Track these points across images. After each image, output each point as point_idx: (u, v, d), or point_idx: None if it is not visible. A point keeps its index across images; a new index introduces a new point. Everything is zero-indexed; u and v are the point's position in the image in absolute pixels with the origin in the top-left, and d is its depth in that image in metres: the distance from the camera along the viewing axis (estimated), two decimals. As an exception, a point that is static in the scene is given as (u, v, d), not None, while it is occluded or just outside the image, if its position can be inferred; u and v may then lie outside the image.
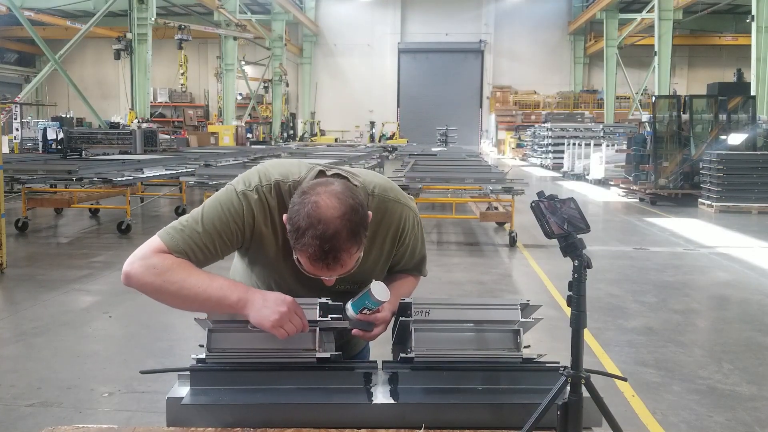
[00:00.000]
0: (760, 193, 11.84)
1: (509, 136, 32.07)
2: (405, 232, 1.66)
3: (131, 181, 9.54)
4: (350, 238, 1.37)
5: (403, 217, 1.64)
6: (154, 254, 1.46)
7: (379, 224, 1.60)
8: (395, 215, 1.63)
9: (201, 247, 1.48)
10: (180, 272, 1.44)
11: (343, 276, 1.46)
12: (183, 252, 1.47)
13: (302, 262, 1.42)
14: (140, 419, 3.30)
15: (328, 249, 1.35)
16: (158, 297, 1.47)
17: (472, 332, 1.53)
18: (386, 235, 1.63)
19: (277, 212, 1.54)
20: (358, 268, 1.53)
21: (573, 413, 1.24)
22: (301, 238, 1.36)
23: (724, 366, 4.17)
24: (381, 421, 1.38)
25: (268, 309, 1.42)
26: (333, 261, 1.37)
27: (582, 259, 1.24)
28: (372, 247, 1.60)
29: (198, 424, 1.37)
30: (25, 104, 22.93)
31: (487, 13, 33.02)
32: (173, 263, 1.45)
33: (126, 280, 1.46)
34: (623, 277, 6.70)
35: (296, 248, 1.40)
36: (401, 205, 1.65)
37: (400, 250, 1.69)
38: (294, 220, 1.38)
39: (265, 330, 1.42)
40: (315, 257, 1.37)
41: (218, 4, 20.61)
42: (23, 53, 32.03)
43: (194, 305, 1.46)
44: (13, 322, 5.10)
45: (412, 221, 1.68)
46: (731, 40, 28.05)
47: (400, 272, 1.79)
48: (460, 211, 10.13)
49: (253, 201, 1.52)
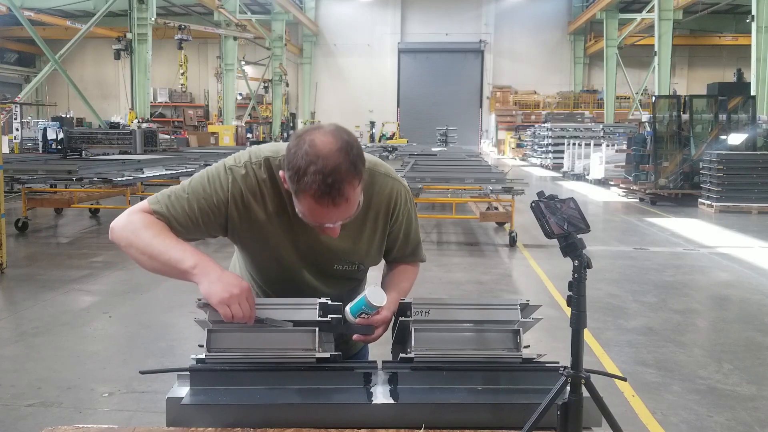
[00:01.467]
0: (760, 193, 11.84)
1: (509, 136, 32.08)
2: (398, 207, 1.65)
3: (131, 181, 9.54)
4: (351, 170, 1.37)
5: (395, 191, 1.65)
6: (137, 213, 1.51)
7: (371, 198, 1.60)
8: (386, 188, 1.63)
9: (182, 213, 1.51)
10: (151, 231, 1.47)
11: (345, 222, 1.45)
12: (163, 215, 1.50)
13: (306, 208, 1.40)
14: (140, 419, 3.30)
15: (331, 182, 1.34)
16: (129, 252, 1.49)
17: (472, 332, 1.53)
18: (379, 209, 1.63)
19: (267, 186, 1.54)
20: (354, 246, 1.55)
21: (573, 413, 1.24)
22: (302, 177, 1.35)
23: (724, 366, 4.16)
24: (381, 421, 1.37)
25: (221, 285, 1.41)
26: (338, 195, 1.36)
27: (582, 259, 1.24)
28: (365, 221, 1.61)
29: (198, 424, 1.37)
30: (25, 104, 22.92)
31: (487, 13, 33.03)
32: (149, 222, 1.48)
33: (110, 234, 1.52)
34: (623, 277, 6.70)
35: (299, 192, 1.38)
36: (392, 179, 1.65)
37: (394, 228, 1.68)
38: (293, 163, 1.37)
39: (211, 305, 1.41)
40: (319, 193, 1.35)
41: (218, 4, 20.61)
42: (23, 53, 32.04)
43: (155, 264, 1.47)
44: (13, 322, 5.10)
45: (405, 197, 1.68)
46: (731, 40, 28.06)
47: (398, 263, 1.79)
48: (460, 211, 10.13)
49: (240, 176, 1.54)
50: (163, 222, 1.51)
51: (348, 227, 1.56)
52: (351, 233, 1.61)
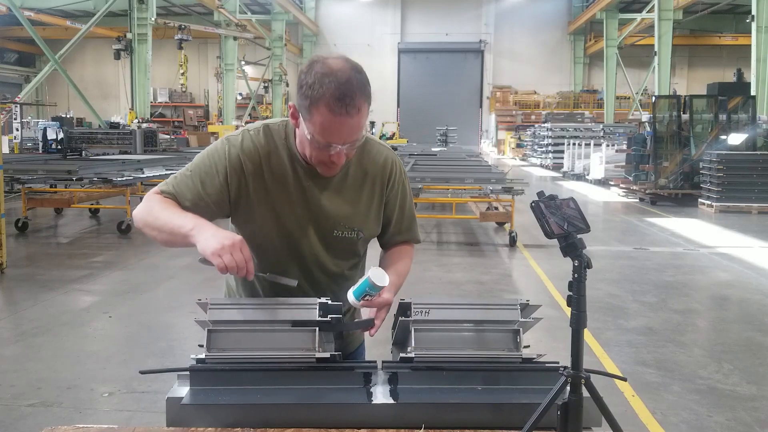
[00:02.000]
0: (760, 193, 11.84)
1: (509, 136, 32.07)
2: (393, 174, 1.72)
3: (131, 181, 9.54)
4: (362, 86, 1.45)
5: (390, 159, 1.72)
6: (150, 197, 1.62)
7: (368, 163, 1.68)
8: (381, 155, 1.71)
9: (187, 189, 1.59)
10: (159, 207, 1.57)
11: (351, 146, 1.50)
12: (170, 194, 1.60)
13: (320, 122, 1.45)
14: (140, 419, 3.30)
15: (345, 90, 1.42)
16: (146, 231, 1.60)
17: (472, 332, 1.53)
18: (375, 174, 1.69)
19: (266, 151, 1.61)
20: (353, 210, 1.63)
21: (573, 413, 1.24)
22: (318, 88, 1.42)
23: (724, 366, 4.17)
24: (381, 421, 1.37)
25: (214, 239, 1.45)
26: (351, 102, 1.42)
27: (582, 259, 1.24)
28: (363, 185, 1.67)
29: (198, 424, 1.37)
30: (25, 104, 22.91)
31: (487, 13, 33.01)
32: (158, 201, 1.59)
33: (135, 221, 1.64)
34: (623, 277, 6.70)
35: (313, 104, 1.44)
36: (386, 148, 1.74)
37: (391, 196, 1.73)
38: (307, 81, 1.44)
39: (206, 258, 1.44)
40: (334, 99, 1.41)
41: (218, 4, 20.60)
42: (23, 53, 32.03)
43: (164, 236, 1.56)
44: (13, 322, 5.10)
45: (399, 166, 1.76)
46: (731, 40, 28.04)
47: (394, 244, 1.80)
48: (460, 211, 10.13)
49: (236, 144, 1.61)
50: (171, 199, 1.59)
51: (346, 191, 1.64)
52: (349, 198, 1.66)
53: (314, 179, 1.63)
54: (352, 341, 1.82)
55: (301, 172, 1.62)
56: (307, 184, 1.62)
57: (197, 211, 1.58)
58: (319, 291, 1.68)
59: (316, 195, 1.62)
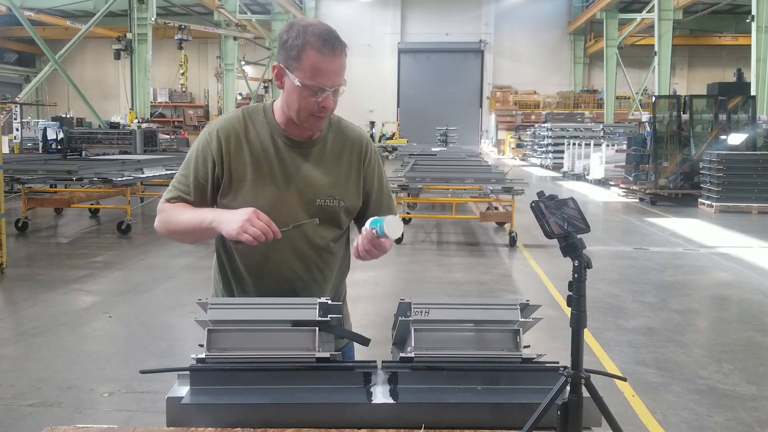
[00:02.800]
0: (760, 193, 11.84)
1: (509, 136, 32.07)
2: (369, 149, 1.82)
3: (131, 181, 9.54)
4: (340, 38, 1.60)
5: (364, 136, 1.84)
6: (160, 209, 1.73)
7: (344, 138, 1.79)
8: (356, 131, 1.84)
9: (188, 187, 1.70)
10: (174, 214, 1.69)
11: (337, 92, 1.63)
12: (176, 197, 1.71)
13: (309, 65, 1.56)
14: (140, 419, 3.30)
15: (329, 34, 1.57)
16: (172, 237, 1.75)
17: (472, 332, 1.53)
18: (352, 147, 1.79)
19: (245, 130, 1.71)
20: (333, 179, 1.71)
21: (573, 413, 1.24)
22: (304, 36, 1.55)
23: (724, 366, 4.17)
24: (381, 421, 1.37)
25: (233, 221, 1.55)
26: (337, 42, 1.57)
27: (582, 259, 1.24)
28: (341, 156, 1.76)
29: (198, 424, 1.37)
30: (25, 104, 22.91)
31: (487, 13, 33.01)
32: (171, 209, 1.71)
33: (159, 234, 1.77)
34: (623, 277, 6.70)
35: (301, 50, 1.56)
36: (360, 128, 1.88)
37: (369, 171, 1.81)
38: (290, 36, 1.57)
39: (235, 239, 1.54)
40: (321, 40, 1.55)
41: (218, 4, 20.61)
42: (23, 53, 32.03)
43: (192, 237, 1.72)
44: (13, 322, 5.10)
45: (374, 145, 1.88)
46: (731, 40, 28.05)
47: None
48: (460, 211, 10.13)
49: (215, 128, 1.72)
50: (178, 202, 1.71)
51: (326, 162, 1.73)
52: (329, 168, 1.74)
53: (294, 150, 1.71)
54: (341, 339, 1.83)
55: (281, 145, 1.71)
56: (287, 155, 1.70)
57: (204, 204, 1.70)
58: (305, 265, 1.73)
59: (297, 165, 1.70)
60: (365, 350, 1.65)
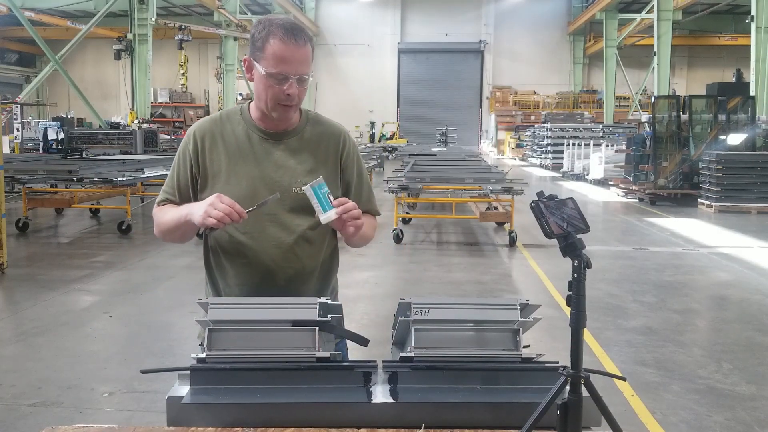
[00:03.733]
0: (759, 193, 11.84)
1: (509, 136, 32.07)
2: (347, 143, 1.86)
3: (131, 181, 9.54)
4: (305, 29, 1.68)
5: (342, 130, 1.90)
6: (154, 213, 1.85)
7: (321, 132, 1.84)
8: (334, 126, 1.88)
9: (176, 188, 1.80)
10: (162, 216, 1.80)
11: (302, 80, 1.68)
12: (165, 200, 1.82)
13: (272, 54, 1.63)
14: (140, 419, 3.30)
15: (292, 25, 1.65)
16: (165, 239, 1.85)
17: (472, 332, 1.53)
18: (329, 141, 1.84)
19: (219, 127, 1.79)
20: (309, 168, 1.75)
21: (573, 413, 1.24)
22: (269, 27, 1.64)
23: (724, 366, 4.17)
24: (380, 421, 1.38)
25: (198, 209, 1.63)
26: (299, 33, 1.64)
27: (582, 259, 1.24)
28: (318, 148, 1.81)
29: (198, 424, 1.37)
30: (25, 104, 22.90)
31: (486, 13, 33.02)
32: (160, 211, 1.82)
33: (158, 237, 1.87)
34: (623, 277, 6.70)
35: (266, 40, 1.64)
36: (338, 124, 1.92)
37: (348, 163, 1.85)
38: (257, 29, 1.67)
39: (204, 225, 1.61)
40: (283, 30, 1.63)
41: (218, 5, 20.61)
42: (24, 53, 32.03)
43: (177, 234, 1.79)
44: (13, 322, 5.10)
45: (352, 139, 1.92)
46: (731, 41, 28.05)
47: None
48: (460, 211, 10.13)
49: (193, 130, 1.82)
50: (168, 204, 1.81)
51: (302, 152, 1.78)
52: (305, 158, 1.79)
53: (269, 142, 1.78)
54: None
55: (256, 139, 1.78)
56: (262, 146, 1.77)
57: (188, 201, 1.77)
58: (282, 253, 1.75)
59: (273, 156, 1.77)
60: (365, 350, 1.65)
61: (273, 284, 1.74)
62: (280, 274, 1.75)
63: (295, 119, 1.80)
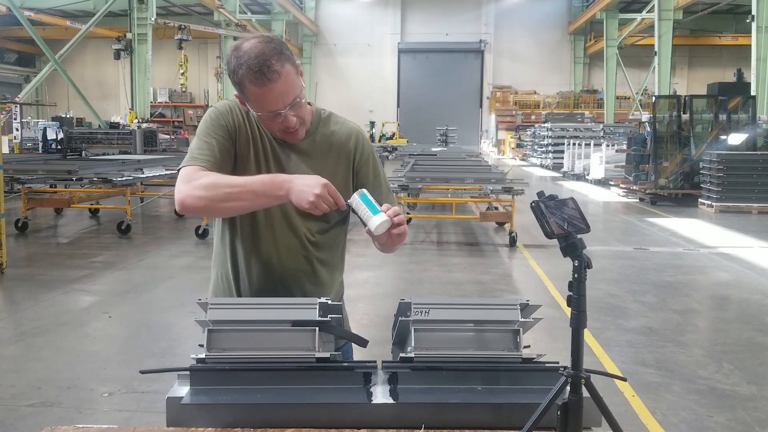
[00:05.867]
0: (760, 193, 11.84)
1: (509, 136, 32.07)
2: (359, 143, 1.82)
3: (131, 181, 9.54)
4: (275, 51, 1.56)
5: (355, 130, 1.84)
6: (188, 177, 1.60)
7: (333, 133, 1.79)
8: (346, 127, 1.83)
9: (211, 151, 1.65)
10: (217, 179, 1.58)
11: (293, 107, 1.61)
12: (202, 165, 1.62)
13: (252, 97, 1.59)
14: (140, 419, 3.30)
15: (258, 63, 1.54)
16: (215, 208, 1.60)
17: (472, 332, 1.53)
18: (341, 143, 1.79)
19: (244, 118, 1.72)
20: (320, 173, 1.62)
21: (573, 413, 1.24)
22: (238, 71, 1.56)
23: (724, 366, 4.17)
24: (381, 421, 1.37)
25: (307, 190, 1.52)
26: (267, 70, 1.54)
27: (582, 259, 1.24)
28: (329, 152, 1.77)
29: (198, 424, 1.37)
30: (25, 104, 22.92)
31: (487, 13, 33.01)
32: (209, 174, 1.59)
33: (182, 208, 1.59)
34: (623, 277, 6.70)
35: (241, 86, 1.58)
36: (351, 123, 1.87)
37: (362, 165, 1.81)
38: (229, 67, 1.59)
39: (304, 209, 1.53)
40: (251, 74, 1.54)
41: (218, 4, 20.61)
42: (23, 53, 32.01)
43: (247, 203, 1.58)
44: (13, 322, 5.10)
45: (365, 136, 1.87)
46: (731, 40, 28.03)
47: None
48: (460, 211, 10.13)
49: (227, 105, 1.73)
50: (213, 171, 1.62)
51: (314, 156, 1.74)
52: (317, 162, 1.75)
53: (282, 144, 1.74)
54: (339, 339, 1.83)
55: (270, 138, 1.74)
56: (278, 148, 1.74)
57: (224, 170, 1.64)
58: (290, 257, 1.74)
59: (285, 157, 1.73)
60: (365, 350, 1.65)
61: (282, 286, 1.75)
62: (288, 275, 1.76)
63: (307, 121, 1.74)
